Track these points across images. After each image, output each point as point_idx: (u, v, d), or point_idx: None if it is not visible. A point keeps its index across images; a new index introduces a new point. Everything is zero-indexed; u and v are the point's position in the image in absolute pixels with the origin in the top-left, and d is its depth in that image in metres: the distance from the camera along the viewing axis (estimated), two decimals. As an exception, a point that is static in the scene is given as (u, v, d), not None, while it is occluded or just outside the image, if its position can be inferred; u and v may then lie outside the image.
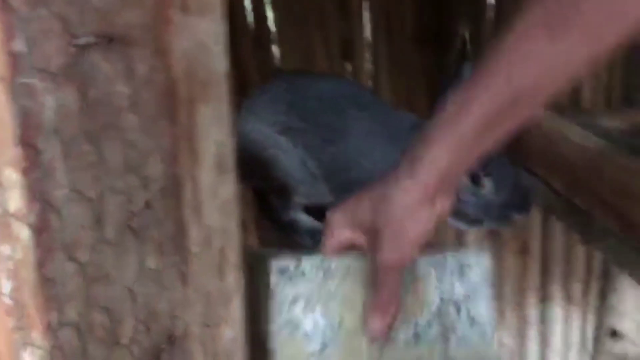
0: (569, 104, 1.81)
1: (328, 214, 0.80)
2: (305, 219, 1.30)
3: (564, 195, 1.25)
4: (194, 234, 0.42)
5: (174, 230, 0.41)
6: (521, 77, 0.64)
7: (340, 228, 0.77)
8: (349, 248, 0.78)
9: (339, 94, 1.24)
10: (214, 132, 0.42)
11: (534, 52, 0.63)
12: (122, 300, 0.37)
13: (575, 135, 1.25)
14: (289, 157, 1.23)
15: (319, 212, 1.30)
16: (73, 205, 0.32)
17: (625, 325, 1.85)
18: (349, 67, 1.68)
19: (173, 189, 0.40)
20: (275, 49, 1.63)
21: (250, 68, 1.69)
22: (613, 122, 1.71)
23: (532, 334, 2.00)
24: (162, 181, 0.38)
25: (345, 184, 1.21)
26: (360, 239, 0.76)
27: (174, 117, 0.39)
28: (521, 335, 2.02)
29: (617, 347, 1.80)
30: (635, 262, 1.03)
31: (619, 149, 1.16)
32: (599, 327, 1.93)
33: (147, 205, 0.37)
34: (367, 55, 1.69)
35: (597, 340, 1.92)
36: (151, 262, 0.39)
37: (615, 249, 1.09)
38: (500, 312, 1.96)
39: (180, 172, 0.40)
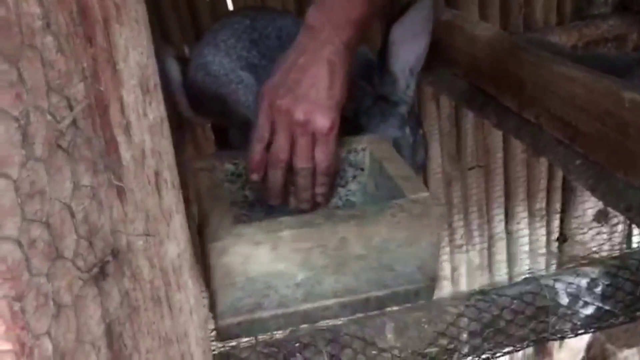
0: (521, 22, 1.83)
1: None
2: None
3: (515, 111, 1.29)
4: (126, 154, 0.44)
5: (105, 149, 0.42)
6: None
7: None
8: None
9: (297, 31, 1.25)
10: (134, 54, 0.44)
11: None
12: (61, 216, 0.39)
13: (524, 52, 1.27)
14: (251, 92, 1.24)
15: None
16: (-3, 125, 0.34)
17: (577, 230, 1.93)
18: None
19: (98, 109, 0.41)
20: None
21: (203, 13, 1.68)
22: (564, 38, 1.74)
23: (500, 249, 2.07)
24: (86, 101, 0.40)
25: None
26: None
27: (90, 38, 0.40)
28: (490, 252, 2.09)
29: (570, 249, 1.88)
30: (580, 168, 1.08)
31: (566, 62, 1.18)
32: (559, 234, 2.01)
33: (74, 124, 0.39)
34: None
35: (558, 245, 2.01)
36: (86, 180, 0.41)
37: (564, 157, 1.13)
38: (467, 232, 2.02)
39: (104, 92, 0.42)
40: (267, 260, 0.78)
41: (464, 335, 0.76)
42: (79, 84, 0.40)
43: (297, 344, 0.74)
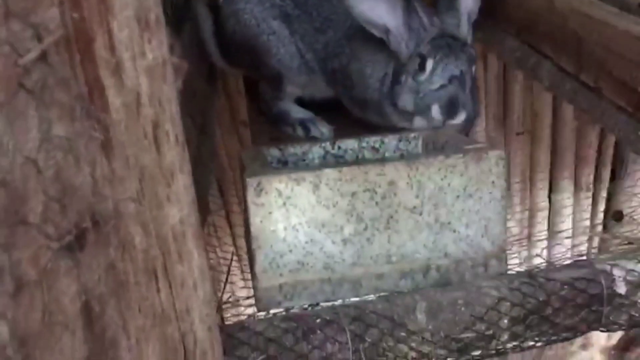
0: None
1: None
2: (296, 109, 1.24)
3: (572, 73, 1.17)
4: (115, 99, 0.37)
5: (87, 92, 0.35)
6: None
7: None
8: None
9: None
10: (129, -25, 0.36)
11: None
12: (24, 173, 0.32)
13: (586, 7, 1.15)
14: (284, 45, 1.17)
15: (313, 104, 1.25)
16: None
17: (635, 207, 1.81)
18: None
19: (79, 43, 0.33)
20: None
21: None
22: (630, -5, 1.59)
23: (541, 220, 1.97)
24: (60, 31, 0.32)
25: (335, 71, 1.14)
26: None
27: (67, -48, 0.32)
28: (530, 222, 1.99)
29: (625, 229, 1.76)
30: (645, 139, 0.97)
31: (633, 20, 1.06)
32: (608, 211, 1.89)
33: (43, 59, 0.31)
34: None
35: (606, 223, 1.89)
36: (59, 129, 0.33)
37: (625, 127, 1.02)
38: (508, 199, 1.92)
39: (86, 22, 0.34)
40: (310, 203, 0.72)
41: (505, 322, 0.68)
42: (51, 10, 0.32)
43: (318, 320, 0.67)
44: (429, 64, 0.99)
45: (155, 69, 0.40)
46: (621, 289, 0.68)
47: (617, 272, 0.69)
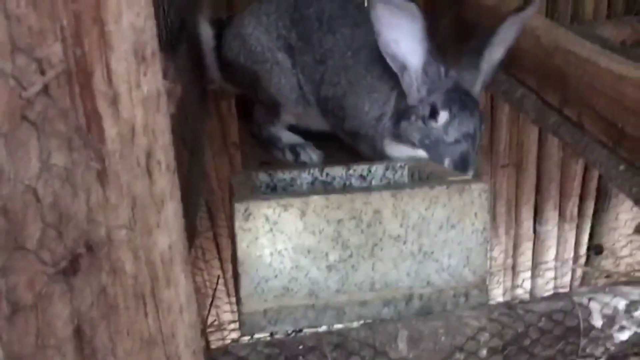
0: (569, 14, 1.73)
1: None
2: (287, 135, 1.26)
3: (556, 107, 1.20)
4: (111, 130, 0.38)
5: (85, 123, 0.36)
6: None
7: None
8: None
9: (339, 14, 1.18)
10: (128, 14, 0.37)
11: None
12: (24, 201, 0.33)
13: (571, 44, 1.19)
14: (286, 77, 1.19)
15: (307, 133, 1.26)
16: (-56, 88, 0.28)
17: (615, 241, 1.83)
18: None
19: (79, 76, 0.35)
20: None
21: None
22: (614, 32, 1.64)
23: (526, 251, 1.99)
24: (62, 65, 0.33)
25: (327, 99, 1.16)
26: None
27: (73, -8, 0.34)
28: (515, 252, 2.01)
29: (606, 262, 1.78)
30: (624, 175, 0.99)
31: (615, 58, 1.09)
32: (591, 243, 1.91)
33: (45, 92, 0.33)
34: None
35: (589, 256, 1.91)
36: (58, 159, 0.35)
37: (606, 161, 1.05)
38: (493, 230, 1.94)
39: (87, 57, 0.35)
40: (296, 229, 0.73)
41: (484, 352, 0.69)
42: (55, 45, 0.33)
43: (300, 347, 0.69)
44: (443, 115, 1.01)
45: (150, 100, 0.42)
46: (597, 322, 0.70)
47: (593, 306, 0.70)
